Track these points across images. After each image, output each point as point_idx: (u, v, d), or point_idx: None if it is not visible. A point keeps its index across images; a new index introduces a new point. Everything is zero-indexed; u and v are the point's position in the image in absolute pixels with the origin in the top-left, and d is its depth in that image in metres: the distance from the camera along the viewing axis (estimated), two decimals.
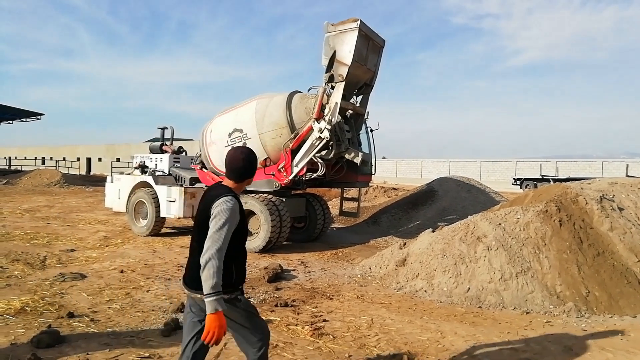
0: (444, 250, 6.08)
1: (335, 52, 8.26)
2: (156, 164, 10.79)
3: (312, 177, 8.79)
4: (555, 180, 26.24)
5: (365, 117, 9.57)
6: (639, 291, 5.21)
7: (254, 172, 2.66)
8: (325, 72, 8.40)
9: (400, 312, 5.06)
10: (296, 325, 4.54)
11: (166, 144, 11.35)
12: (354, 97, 9.43)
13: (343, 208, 11.00)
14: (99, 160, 55.60)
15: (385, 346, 4.06)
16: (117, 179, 10.99)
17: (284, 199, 8.81)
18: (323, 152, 8.43)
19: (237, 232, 2.47)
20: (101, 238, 9.45)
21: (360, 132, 9.62)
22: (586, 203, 6.27)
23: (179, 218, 9.71)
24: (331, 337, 4.24)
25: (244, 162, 2.57)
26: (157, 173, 10.46)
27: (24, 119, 39.19)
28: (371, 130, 9.72)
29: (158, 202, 9.72)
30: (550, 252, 5.60)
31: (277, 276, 6.43)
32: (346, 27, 8.17)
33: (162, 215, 9.75)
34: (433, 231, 7.00)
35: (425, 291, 5.70)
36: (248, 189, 8.24)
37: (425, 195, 13.06)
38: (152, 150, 11.25)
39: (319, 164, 8.44)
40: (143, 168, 10.64)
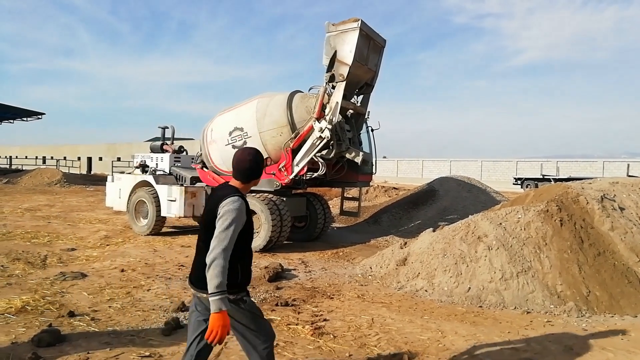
0: (445, 250, 6.08)
1: (336, 51, 8.25)
2: (157, 164, 10.79)
3: (313, 176, 8.78)
4: (556, 180, 26.24)
5: (366, 116, 9.57)
6: None
7: (260, 173, 2.67)
8: (326, 72, 8.40)
9: (401, 311, 5.06)
10: (297, 324, 4.54)
11: (167, 144, 11.36)
12: (355, 96, 9.43)
13: (344, 207, 10.99)
14: (100, 159, 55.64)
15: (385, 345, 4.05)
16: (117, 178, 11.02)
17: (284, 199, 8.81)
18: (324, 152, 8.43)
19: (244, 233, 2.48)
20: (102, 237, 9.45)
21: (361, 132, 9.61)
22: (587, 203, 6.27)
23: (179, 217, 9.71)
24: (332, 336, 4.24)
25: (251, 163, 2.59)
26: (157, 172, 10.46)
27: (25, 119, 39.19)
28: (372, 130, 9.72)
29: (159, 201, 9.72)
30: (551, 251, 5.60)
31: (278, 275, 6.43)
32: (347, 27, 8.17)
33: (162, 214, 9.75)
34: (434, 231, 7.00)
35: (426, 291, 5.70)
36: None
37: (426, 195, 13.05)
38: (153, 150, 11.27)
39: (319, 163, 8.43)
40: (144, 167, 10.64)
